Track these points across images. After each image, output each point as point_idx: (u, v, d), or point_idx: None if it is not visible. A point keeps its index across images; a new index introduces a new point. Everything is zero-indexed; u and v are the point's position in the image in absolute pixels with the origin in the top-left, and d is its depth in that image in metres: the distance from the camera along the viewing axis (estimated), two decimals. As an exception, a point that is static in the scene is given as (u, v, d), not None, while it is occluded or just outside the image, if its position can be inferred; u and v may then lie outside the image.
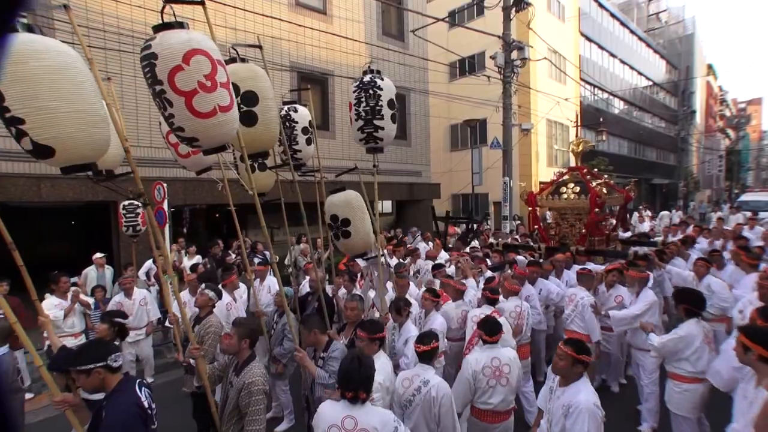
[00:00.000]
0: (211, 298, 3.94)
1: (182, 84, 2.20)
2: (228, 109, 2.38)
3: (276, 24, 9.83)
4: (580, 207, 7.12)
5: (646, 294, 4.42)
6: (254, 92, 3.01)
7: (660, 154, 33.75)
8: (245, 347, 2.77)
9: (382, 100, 3.54)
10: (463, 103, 15.43)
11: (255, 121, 3.04)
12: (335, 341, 3.22)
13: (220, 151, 2.60)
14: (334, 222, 3.83)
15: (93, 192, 8.05)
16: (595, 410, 2.41)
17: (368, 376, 2.26)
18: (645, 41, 30.70)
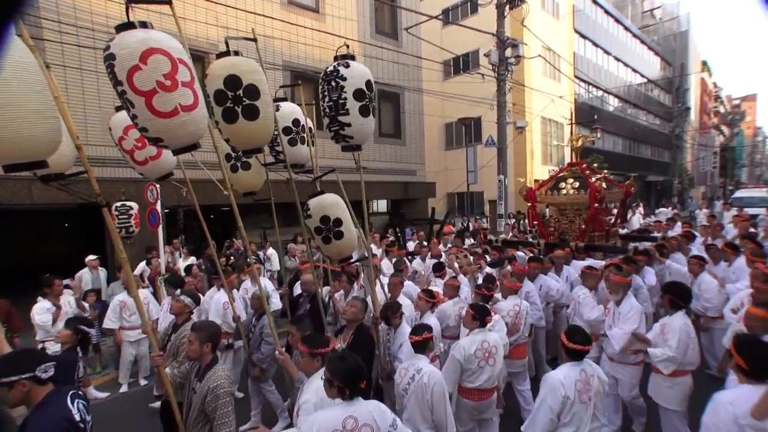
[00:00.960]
0: (187, 304, 3.81)
1: (141, 84, 2.18)
2: (191, 108, 2.34)
3: (269, 23, 9.79)
4: (579, 202, 7.09)
5: (631, 303, 3.88)
6: (255, 86, 2.93)
7: (654, 152, 33.90)
8: (207, 351, 2.70)
9: (345, 92, 3.15)
10: (458, 101, 15.43)
11: (257, 115, 2.95)
12: None
13: (190, 150, 2.53)
14: (325, 224, 3.58)
15: (86, 193, 7.99)
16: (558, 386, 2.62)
17: (362, 371, 2.26)
18: (639, 38, 30.79)
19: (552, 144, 20.64)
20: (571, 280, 5.68)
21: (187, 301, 3.81)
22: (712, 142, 47.42)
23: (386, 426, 2.18)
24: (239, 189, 4.15)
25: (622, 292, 3.93)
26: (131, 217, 6.71)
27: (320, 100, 3.30)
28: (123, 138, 3.64)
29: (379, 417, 2.18)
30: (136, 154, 3.64)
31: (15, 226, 10.44)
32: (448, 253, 7.36)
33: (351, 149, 3.50)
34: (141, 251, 7.60)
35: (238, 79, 2.85)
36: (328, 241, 3.63)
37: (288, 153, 3.96)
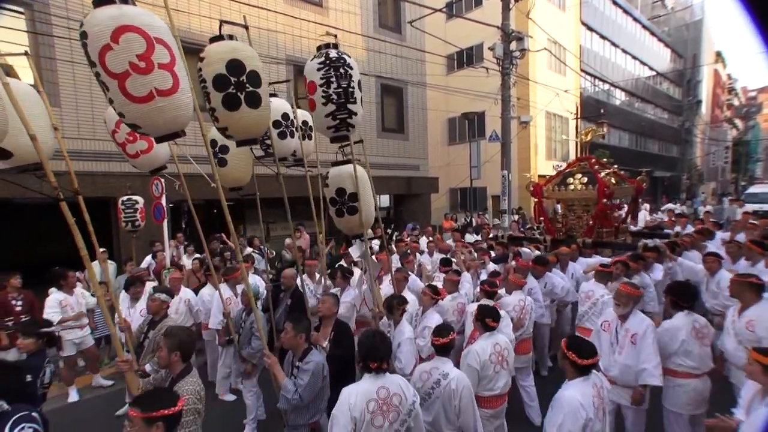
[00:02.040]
0: (163, 300, 3.77)
1: (113, 65, 2.02)
2: (169, 93, 2.17)
3: (272, 16, 9.84)
4: (587, 198, 6.99)
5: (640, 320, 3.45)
6: (258, 72, 2.80)
7: (662, 146, 33.39)
8: (176, 360, 2.50)
9: (353, 80, 3.13)
10: (462, 95, 15.36)
11: (259, 102, 2.82)
12: (313, 351, 2.94)
13: (171, 138, 2.39)
14: (340, 196, 3.51)
15: (92, 188, 8.17)
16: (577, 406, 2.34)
17: (389, 347, 2.59)
18: (649, 29, 30.15)
19: (558, 139, 20.47)
20: (576, 277, 5.66)
21: (162, 298, 3.77)
22: (724, 136, 46.55)
23: (411, 396, 2.47)
24: (225, 184, 4.09)
25: (631, 305, 3.48)
26: (137, 211, 6.87)
27: (321, 86, 3.09)
28: (115, 131, 3.62)
29: (405, 388, 2.47)
30: (128, 147, 3.59)
31: (25, 220, 10.70)
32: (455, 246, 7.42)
33: (343, 140, 3.39)
34: (146, 245, 7.77)
35: (242, 65, 2.71)
36: (340, 214, 3.57)
37: (277, 147, 3.96)
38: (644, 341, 3.29)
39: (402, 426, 2.40)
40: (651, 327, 3.36)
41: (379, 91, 13.10)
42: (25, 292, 5.23)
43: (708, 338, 3.40)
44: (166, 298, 3.80)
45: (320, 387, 2.88)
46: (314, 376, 2.77)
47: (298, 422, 2.88)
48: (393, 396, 2.39)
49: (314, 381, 2.78)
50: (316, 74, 3.10)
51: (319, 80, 3.09)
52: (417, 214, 14.57)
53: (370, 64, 12.68)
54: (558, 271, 5.60)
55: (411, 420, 2.45)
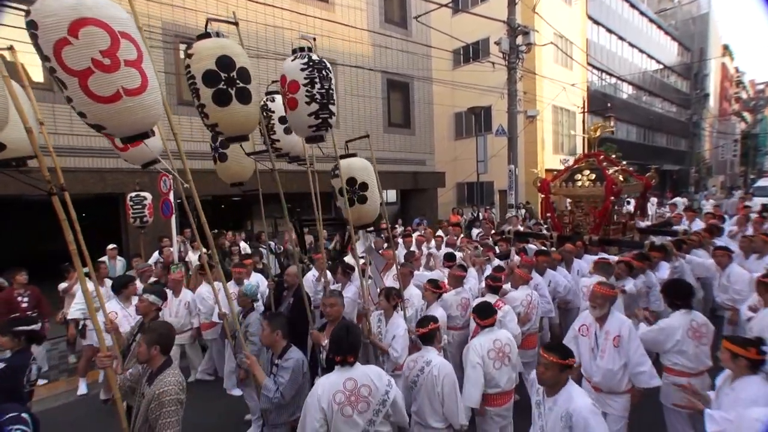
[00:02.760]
0: (152, 302, 3.61)
1: (72, 61, 1.84)
2: (138, 92, 2.03)
3: (278, 13, 9.83)
4: (595, 195, 6.92)
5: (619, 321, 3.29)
6: (247, 69, 2.80)
7: (670, 140, 33.10)
8: (156, 354, 2.52)
9: (332, 83, 3.22)
10: (468, 90, 15.29)
11: (249, 99, 2.83)
12: (292, 348, 2.90)
13: (140, 139, 2.30)
14: (351, 185, 3.63)
15: (101, 185, 8.23)
16: (596, 410, 2.33)
17: (356, 342, 2.58)
18: (656, 23, 29.88)
19: (565, 134, 20.34)
20: (583, 274, 5.57)
21: (151, 299, 3.63)
22: (733, 129, 46.08)
23: (383, 386, 2.49)
24: (226, 179, 4.08)
25: (607, 306, 3.28)
26: (145, 207, 6.90)
27: (304, 86, 3.10)
28: None
29: (376, 379, 2.50)
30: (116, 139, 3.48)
31: (36, 215, 10.80)
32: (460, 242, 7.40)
33: (316, 140, 3.39)
34: (154, 240, 7.81)
35: (232, 61, 2.71)
36: (351, 203, 3.67)
37: (284, 142, 3.99)
38: (631, 343, 3.17)
39: (377, 415, 2.45)
40: (632, 327, 3.25)
41: (385, 87, 13.07)
42: (32, 288, 5.27)
43: (706, 337, 3.36)
44: (155, 299, 3.65)
45: (300, 384, 2.86)
46: (294, 373, 2.76)
47: (279, 421, 2.85)
48: (361, 387, 2.44)
49: (295, 378, 2.77)
50: (300, 74, 3.09)
51: (303, 80, 3.10)
52: (424, 209, 14.56)
53: (376, 59, 12.65)
54: (563, 270, 5.55)
55: (387, 409, 2.49)
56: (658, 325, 3.53)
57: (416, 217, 13.49)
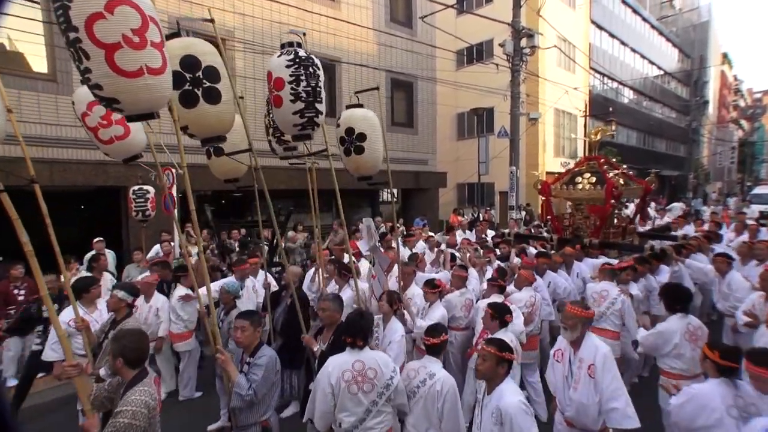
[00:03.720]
0: (121, 298, 3.42)
1: (103, 34, 1.93)
2: (159, 72, 2.13)
3: (284, 9, 9.79)
4: (595, 198, 6.92)
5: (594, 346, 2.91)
6: (216, 68, 2.71)
7: (670, 145, 33.28)
8: (121, 367, 2.28)
9: (320, 80, 3.11)
10: (471, 91, 15.30)
11: (219, 99, 2.72)
12: (264, 346, 2.86)
13: (146, 119, 2.31)
14: (349, 135, 3.61)
15: (103, 177, 8.17)
16: (525, 408, 2.33)
17: (367, 327, 2.76)
18: (657, 29, 30.04)
19: (566, 137, 20.40)
20: (582, 277, 5.62)
21: (120, 295, 3.44)
22: (731, 136, 46.35)
23: (389, 372, 2.67)
24: (219, 175, 4.01)
25: (580, 328, 2.89)
26: (148, 201, 6.87)
27: (289, 83, 3.05)
28: (87, 114, 3.35)
29: (383, 364, 2.68)
30: (100, 132, 3.33)
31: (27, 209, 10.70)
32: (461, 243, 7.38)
33: (302, 139, 3.35)
34: (155, 234, 7.77)
35: (197, 60, 2.63)
36: (348, 153, 3.68)
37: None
38: (606, 374, 2.73)
39: (380, 397, 2.63)
40: (608, 355, 2.80)
41: (389, 86, 13.06)
42: (28, 280, 5.22)
43: (702, 340, 3.37)
44: (124, 296, 3.45)
45: (273, 381, 2.81)
46: (267, 371, 2.72)
47: (249, 421, 2.76)
48: (368, 369, 2.63)
49: (267, 375, 2.72)
50: (285, 71, 3.04)
51: (289, 77, 3.04)
52: (424, 209, 14.55)
53: (381, 58, 12.64)
54: (563, 272, 5.57)
55: (390, 393, 2.65)
56: (656, 329, 3.56)
57: (417, 216, 13.48)
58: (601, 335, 4.33)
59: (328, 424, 2.73)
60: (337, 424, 2.69)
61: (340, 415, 2.65)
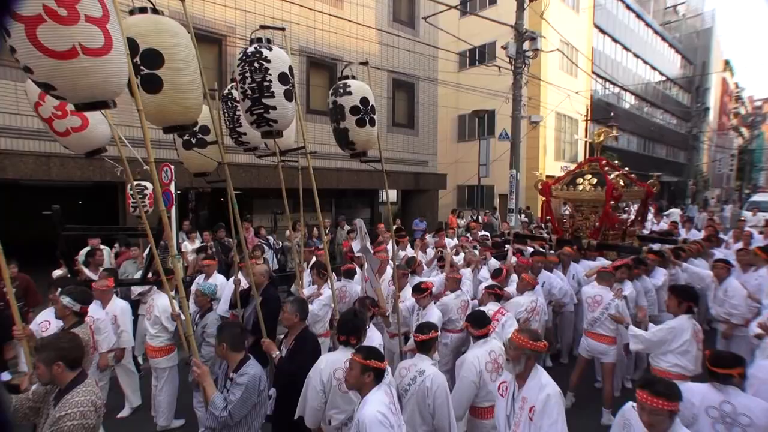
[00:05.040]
0: (66, 305, 3.10)
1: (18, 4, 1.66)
2: (99, 53, 1.83)
3: (286, 7, 9.74)
4: (595, 199, 6.92)
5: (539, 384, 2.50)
6: (157, 51, 2.37)
7: (670, 151, 33.31)
8: (60, 372, 2.14)
9: (270, 74, 2.90)
10: (473, 93, 15.27)
11: (159, 86, 2.41)
12: (250, 362, 2.65)
13: (97, 108, 2.06)
14: (364, 105, 3.46)
15: (101, 172, 8.12)
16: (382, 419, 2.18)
17: (359, 326, 2.83)
18: (660, 35, 30.06)
19: (567, 141, 20.38)
20: (578, 278, 5.63)
21: (65, 302, 3.11)
22: (730, 143, 46.49)
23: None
24: (191, 169, 3.85)
25: (524, 360, 2.49)
26: (146, 197, 6.81)
27: (239, 83, 2.98)
28: (39, 104, 3.05)
29: None
30: (55, 123, 3.03)
31: (32, 201, 10.66)
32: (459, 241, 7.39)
33: (272, 135, 3.15)
34: (153, 231, 7.72)
35: (134, 44, 2.31)
36: (362, 124, 3.47)
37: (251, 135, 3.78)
38: (544, 419, 2.37)
39: None
40: (553, 397, 2.39)
41: (390, 86, 13.02)
42: (21, 276, 5.13)
43: (701, 342, 3.48)
44: (69, 302, 3.10)
45: (255, 403, 2.60)
46: (248, 391, 2.50)
47: None
48: None
49: (247, 396, 2.50)
50: (237, 70, 2.97)
51: (238, 76, 2.97)
52: (424, 210, 14.52)
53: (383, 58, 12.59)
54: (559, 272, 5.57)
55: None
56: (667, 325, 3.56)
57: (416, 217, 13.45)
58: (597, 340, 4.37)
59: (318, 421, 2.75)
60: (327, 422, 2.71)
61: (330, 412, 2.69)
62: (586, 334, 4.57)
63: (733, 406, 2.43)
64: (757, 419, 2.36)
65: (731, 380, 2.50)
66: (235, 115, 3.77)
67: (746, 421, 2.37)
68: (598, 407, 4.36)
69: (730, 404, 2.44)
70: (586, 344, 4.52)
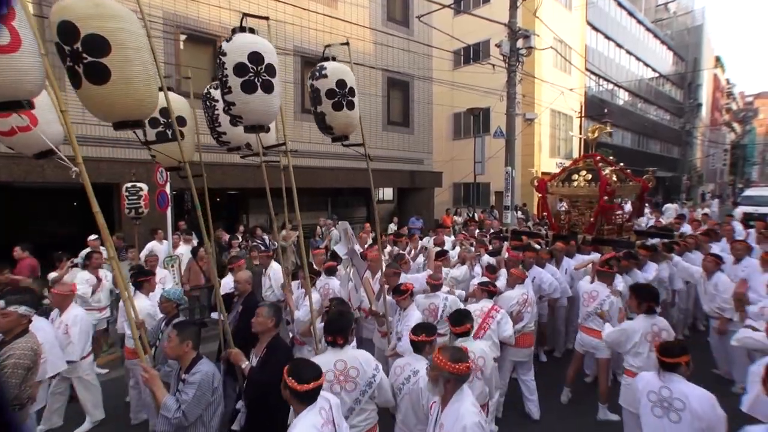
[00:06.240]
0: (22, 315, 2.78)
1: None
2: (5, 50, 1.74)
3: (281, 7, 9.73)
4: (590, 195, 6.95)
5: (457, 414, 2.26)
6: (102, 37, 2.10)
7: (664, 147, 33.56)
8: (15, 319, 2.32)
9: (226, 68, 2.68)
10: (467, 91, 15.32)
11: (106, 77, 2.15)
12: (202, 361, 2.57)
13: (11, 109, 1.95)
14: (341, 88, 3.28)
15: (96, 174, 8.08)
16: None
17: (345, 326, 2.74)
18: (652, 32, 30.27)
19: (561, 138, 20.48)
20: (570, 273, 5.67)
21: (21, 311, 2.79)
22: (723, 139, 46.87)
23: (371, 370, 2.67)
24: (163, 163, 3.69)
25: (441, 383, 2.23)
26: (141, 198, 6.78)
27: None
28: None
29: (365, 362, 2.67)
30: None
31: (26, 203, 10.59)
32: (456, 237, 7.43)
33: (254, 130, 2.97)
34: (148, 232, 7.72)
35: (73, 28, 2.04)
36: (339, 107, 3.30)
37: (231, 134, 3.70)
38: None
39: (363, 395, 2.64)
40: (471, 429, 2.11)
41: (385, 85, 13.04)
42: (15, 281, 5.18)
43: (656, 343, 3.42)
44: (26, 311, 2.81)
45: (210, 402, 2.52)
46: (201, 389, 2.42)
47: None
48: (350, 369, 2.63)
49: (201, 395, 2.43)
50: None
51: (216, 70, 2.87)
52: (420, 209, 14.55)
53: (378, 57, 12.61)
54: (552, 267, 5.57)
55: (373, 390, 2.67)
56: (621, 326, 3.66)
57: (412, 216, 13.48)
58: (590, 335, 4.40)
59: None
60: None
61: None
62: (579, 329, 4.59)
63: (671, 391, 2.55)
64: (688, 404, 2.46)
65: (678, 369, 2.58)
66: (214, 114, 3.67)
67: (680, 405, 2.50)
68: (593, 402, 4.37)
69: (668, 389, 2.57)
70: (580, 339, 4.55)
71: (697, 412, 2.43)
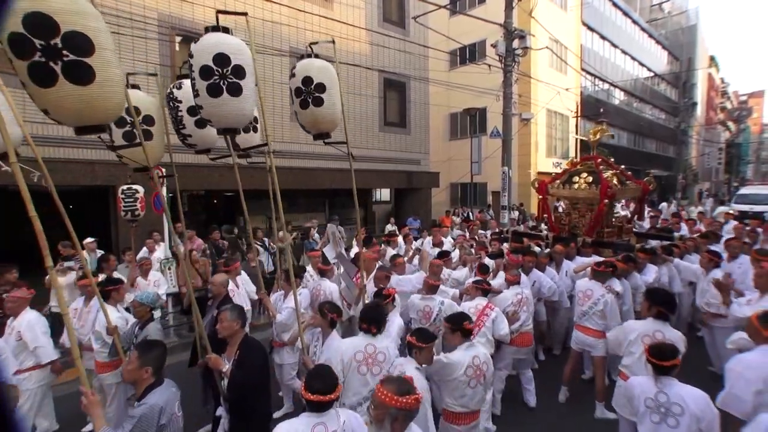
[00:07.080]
0: None
1: None
2: None
3: (276, 8, 9.72)
4: (591, 197, 6.93)
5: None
6: (84, 35, 1.96)
7: (659, 146, 33.73)
8: None
9: (194, 71, 2.57)
10: (463, 91, 15.36)
11: (89, 78, 2.00)
12: (155, 390, 2.34)
13: None
14: (306, 85, 3.21)
15: (91, 176, 8.04)
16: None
17: (380, 318, 3.04)
18: (647, 31, 30.45)
19: (558, 137, 20.54)
20: (570, 275, 5.64)
21: None
22: (718, 138, 47.12)
23: (393, 356, 2.96)
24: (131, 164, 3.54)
25: (389, 423, 1.95)
26: (137, 201, 6.74)
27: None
28: None
29: (391, 350, 2.98)
30: None
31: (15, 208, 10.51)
32: (456, 239, 7.43)
33: (226, 133, 2.86)
34: (145, 234, 7.67)
35: (51, 22, 1.86)
36: (305, 105, 3.26)
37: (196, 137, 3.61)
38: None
39: None
40: None
41: (381, 86, 13.04)
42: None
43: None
44: None
45: None
46: (142, 423, 2.21)
47: None
48: (378, 353, 2.88)
49: (141, 430, 2.21)
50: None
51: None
52: (417, 209, 14.56)
53: (374, 58, 12.62)
54: (551, 270, 5.57)
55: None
56: (621, 326, 3.68)
57: (410, 216, 13.48)
58: (586, 333, 4.40)
59: None
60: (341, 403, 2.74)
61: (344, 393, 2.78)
62: (575, 327, 4.59)
63: (668, 396, 2.49)
64: (687, 407, 2.42)
65: (671, 371, 2.54)
66: (178, 116, 3.54)
67: (678, 410, 2.44)
68: (590, 401, 4.38)
69: (664, 394, 2.50)
70: (576, 337, 4.55)
71: (696, 414, 2.41)
